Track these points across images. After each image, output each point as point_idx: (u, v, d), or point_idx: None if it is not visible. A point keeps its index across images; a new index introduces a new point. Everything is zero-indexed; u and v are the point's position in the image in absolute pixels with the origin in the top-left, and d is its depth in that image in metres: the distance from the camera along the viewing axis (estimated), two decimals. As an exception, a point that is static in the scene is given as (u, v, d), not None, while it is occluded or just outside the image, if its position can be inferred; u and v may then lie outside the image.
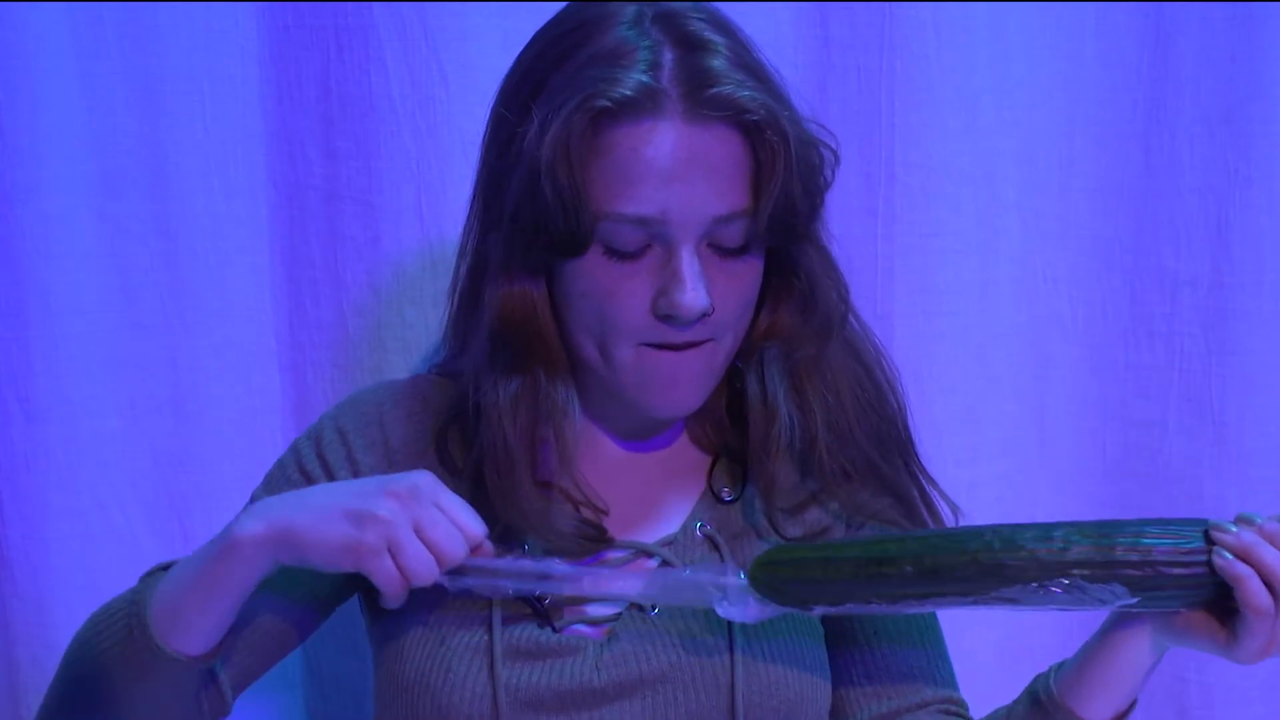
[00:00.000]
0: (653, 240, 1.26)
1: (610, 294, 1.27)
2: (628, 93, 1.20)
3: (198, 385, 1.74)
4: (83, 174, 1.66)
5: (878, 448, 1.40)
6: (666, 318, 1.26)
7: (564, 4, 1.36)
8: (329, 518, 1.22)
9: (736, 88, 1.21)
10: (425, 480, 1.23)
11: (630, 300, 1.27)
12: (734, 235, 1.26)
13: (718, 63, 1.23)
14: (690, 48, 1.23)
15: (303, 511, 1.24)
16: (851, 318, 1.40)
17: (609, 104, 1.20)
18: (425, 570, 1.20)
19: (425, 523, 1.21)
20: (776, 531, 1.39)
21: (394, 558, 1.20)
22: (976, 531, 1.21)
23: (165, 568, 1.33)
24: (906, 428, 1.44)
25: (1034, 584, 1.17)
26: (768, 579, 1.26)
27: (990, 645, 1.87)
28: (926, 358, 1.79)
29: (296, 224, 1.74)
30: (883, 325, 1.73)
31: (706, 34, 1.24)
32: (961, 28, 1.72)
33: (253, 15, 1.69)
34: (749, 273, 1.30)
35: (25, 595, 1.70)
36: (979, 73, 1.74)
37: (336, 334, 1.75)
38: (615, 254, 1.26)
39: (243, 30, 1.70)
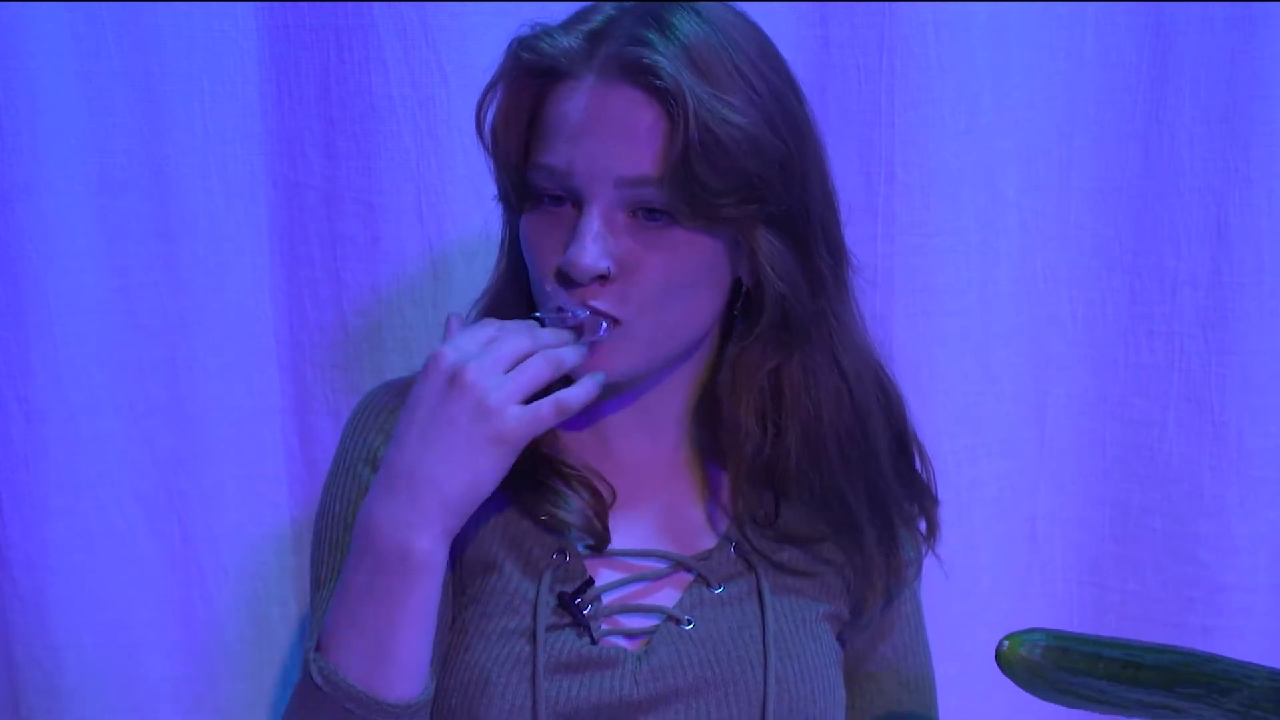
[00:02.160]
0: (570, 199, 1.27)
1: (532, 250, 1.30)
2: (549, 51, 1.25)
3: (197, 385, 1.74)
4: (83, 174, 1.66)
5: (847, 478, 1.41)
6: (563, 276, 1.27)
7: (567, 3, 1.40)
8: (464, 458, 1.21)
9: (651, 53, 1.22)
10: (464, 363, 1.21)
11: (545, 256, 1.29)
12: (647, 198, 1.26)
13: (652, 35, 1.24)
14: (641, 22, 1.25)
15: (441, 477, 1.21)
16: (851, 333, 1.41)
17: (530, 57, 1.26)
18: (535, 376, 1.21)
19: (496, 365, 1.21)
20: (764, 556, 1.40)
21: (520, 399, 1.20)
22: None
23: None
24: (891, 458, 1.44)
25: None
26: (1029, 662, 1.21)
27: (987, 647, 1.84)
28: (926, 358, 1.79)
29: (296, 224, 1.74)
30: (883, 325, 1.76)
31: (674, 18, 1.25)
32: (961, 28, 1.72)
33: (252, 15, 1.69)
34: (675, 248, 1.29)
35: (25, 595, 1.71)
36: (979, 73, 1.75)
37: (337, 334, 1.76)
38: (540, 210, 1.29)
39: (243, 30, 1.70)
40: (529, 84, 1.29)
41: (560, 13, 1.53)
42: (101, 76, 1.66)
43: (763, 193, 1.28)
